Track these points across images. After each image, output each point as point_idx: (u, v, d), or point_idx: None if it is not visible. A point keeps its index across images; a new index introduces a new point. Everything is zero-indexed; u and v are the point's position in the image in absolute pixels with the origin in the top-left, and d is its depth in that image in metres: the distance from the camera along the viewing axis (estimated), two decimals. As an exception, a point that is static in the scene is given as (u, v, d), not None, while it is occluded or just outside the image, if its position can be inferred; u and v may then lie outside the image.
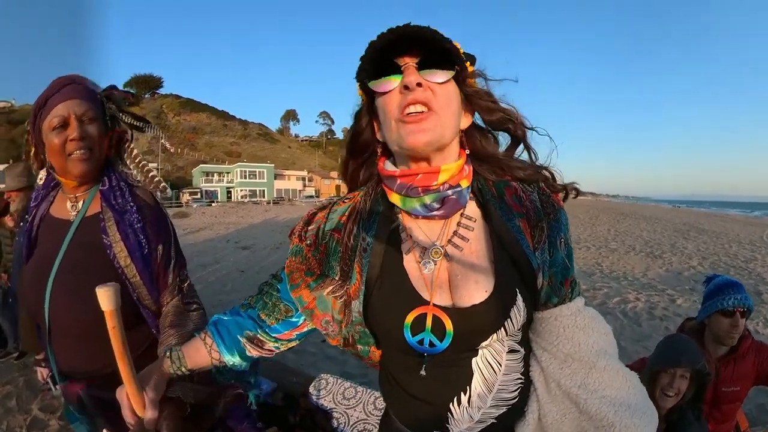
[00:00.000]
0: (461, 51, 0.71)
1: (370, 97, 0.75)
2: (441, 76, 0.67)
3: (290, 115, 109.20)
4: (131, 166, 1.26)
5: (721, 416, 1.78)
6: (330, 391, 2.23)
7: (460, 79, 0.71)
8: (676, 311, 5.18)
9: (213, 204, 42.65)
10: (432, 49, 0.66)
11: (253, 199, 51.03)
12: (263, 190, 57.73)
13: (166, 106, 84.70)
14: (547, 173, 0.77)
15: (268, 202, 45.02)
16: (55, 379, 1.22)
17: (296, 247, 0.82)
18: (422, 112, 0.65)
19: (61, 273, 1.10)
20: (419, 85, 0.65)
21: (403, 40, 0.65)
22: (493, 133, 0.80)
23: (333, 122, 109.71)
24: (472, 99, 0.74)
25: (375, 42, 0.65)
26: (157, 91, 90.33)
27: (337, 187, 62.98)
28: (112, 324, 0.72)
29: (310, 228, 0.81)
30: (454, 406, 0.73)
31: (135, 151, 1.28)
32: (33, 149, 1.20)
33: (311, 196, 58.03)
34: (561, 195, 0.77)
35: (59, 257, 1.10)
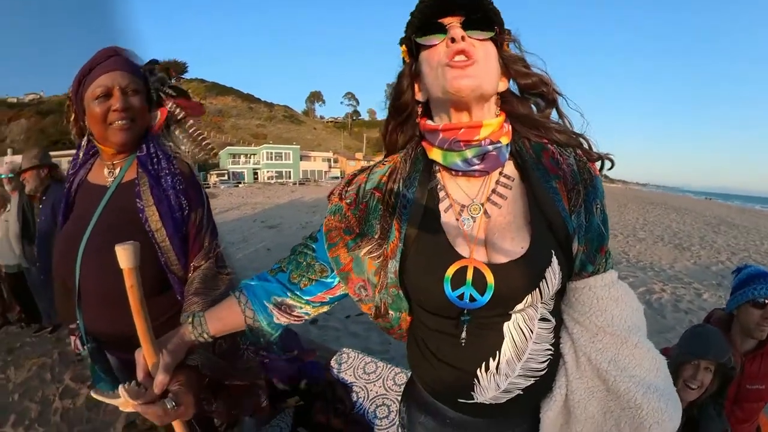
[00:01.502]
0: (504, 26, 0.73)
1: (414, 57, 0.76)
2: (482, 35, 0.69)
3: (315, 97, 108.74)
4: (181, 136, 1.28)
5: (742, 415, 1.70)
6: (351, 366, 2.31)
7: (498, 42, 0.73)
8: (702, 305, 5.05)
9: (240, 185, 43.38)
10: (474, 11, 0.69)
11: (279, 180, 51.65)
12: (289, 171, 58.28)
13: (192, 91, 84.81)
14: (584, 140, 0.77)
15: (294, 183, 45.39)
16: (83, 340, 1.24)
17: (335, 206, 0.82)
18: (466, 60, 0.68)
19: (93, 235, 1.12)
20: (463, 39, 0.67)
21: (449, 1, 0.68)
22: (529, 99, 0.80)
23: (358, 103, 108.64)
24: (509, 63, 0.75)
25: (422, 1, 0.69)
26: (182, 76, 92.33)
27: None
28: (130, 282, 0.71)
29: (350, 188, 0.82)
30: (481, 372, 0.73)
31: (190, 121, 1.29)
32: (73, 116, 1.23)
33: (336, 177, 57.87)
34: (597, 164, 0.77)
35: (93, 220, 1.13)
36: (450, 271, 0.69)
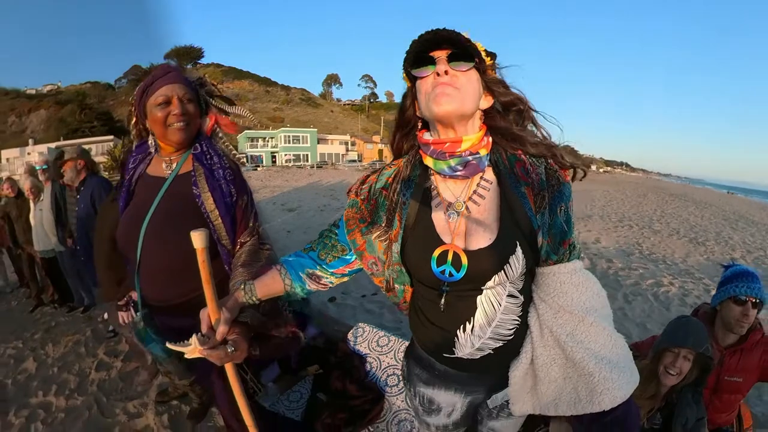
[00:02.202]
0: (482, 49, 0.87)
1: (412, 82, 0.92)
2: (464, 66, 0.84)
3: (332, 79, 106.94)
4: (218, 137, 1.50)
5: (721, 405, 1.78)
6: (365, 339, 2.49)
7: (481, 70, 0.87)
8: (708, 301, 4.99)
9: (258, 168, 43.68)
10: (457, 47, 0.83)
11: (297, 164, 51.70)
12: (307, 155, 58.19)
13: (208, 75, 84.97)
14: (556, 151, 0.89)
15: (312, 167, 45.16)
16: (138, 306, 1.45)
17: (353, 201, 1.02)
18: (449, 86, 0.83)
19: (154, 218, 1.33)
20: (446, 72, 0.83)
21: (436, 39, 0.82)
22: (509, 113, 0.93)
23: (375, 85, 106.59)
24: (490, 85, 0.90)
25: (416, 40, 0.83)
26: (199, 61, 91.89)
27: (380, 152, 61.69)
28: (201, 258, 0.91)
29: (363, 187, 1.01)
30: (460, 333, 0.92)
31: (221, 135, 1.51)
32: (134, 119, 1.44)
33: (354, 161, 57.52)
34: (570, 171, 0.90)
35: (154, 205, 1.33)
36: (436, 253, 0.88)
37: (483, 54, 0.87)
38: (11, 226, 4.55)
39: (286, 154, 57.04)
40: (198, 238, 0.90)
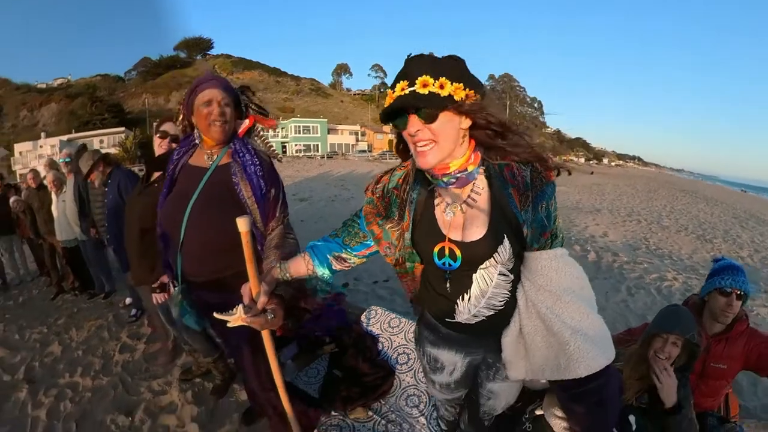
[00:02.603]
0: (457, 88, 0.90)
1: None
2: (432, 117, 0.92)
3: (342, 69, 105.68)
4: (255, 139, 1.67)
5: (707, 390, 1.86)
6: (378, 321, 2.67)
7: (454, 107, 0.92)
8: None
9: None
10: (419, 107, 0.90)
11: (307, 154, 51.55)
12: (317, 145, 58.01)
13: (218, 66, 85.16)
14: (541, 155, 1.00)
15: (322, 157, 45.07)
16: (177, 281, 1.63)
17: (369, 198, 1.20)
18: (426, 143, 0.94)
19: (197, 202, 1.50)
20: (419, 130, 0.93)
21: (402, 106, 0.91)
22: (497, 126, 0.99)
23: (386, 75, 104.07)
24: (468, 114, 0.95)
25: (386, 107, 0.93)
26: (208, 52, 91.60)
27: (390, 142, 60.48)
28: (246, 240, 1.07)
29: (378, 186, 1.18)
30: (459, 301, 1.12)
31: (261, 132, 1.69)
32: (182, 115, 1.63)
33: (363, 151, 56.93)
34: (555, 172, 1.00)
35: (197, 191, 1.51)
36: (435, 249, 1.08)
37: (458, 93, 0.91)
38: (32, 217, 4.71)
39: (296, 145, 56.83)
40: (242, 223, 1.06)
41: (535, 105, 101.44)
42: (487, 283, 1.09)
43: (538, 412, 1.58)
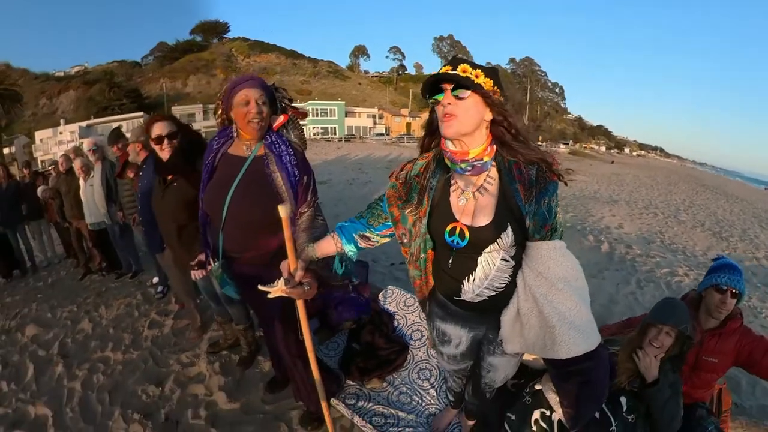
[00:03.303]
0: (483, 78, 1.08)
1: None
2: (464, 93, 1.08)
3: (360, 51, 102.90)
4: (291, 133, 1.79)
5: (699, 382, 1.92)
6: (394, 299, 2.84)
7: (482, 94, 1.09)
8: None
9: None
10: (456, 82, 1.08)
11: (324, 137, 51.06)
12: (335, 128, 57.57)
13: (235, 50, 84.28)
14: (545, 158, 1.12)
15: (340, 140, 44.59)
16: (218, 256, 1.79)
17: (393, 183, 1.32)
18: (453, 116, 1.09)
19: (238, 187, 1.65)
20: (449, 103, 1.09)
21: (442, 79, 1.09)
22: (512, 127, 1.14)
23: (404, 57, 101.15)
24: (490, 107, 1.12)
25: (429, 77, 1.11)
26: (225, 36, 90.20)
27: (408, 125, 60.16)
28: (286, 224, 1.21)
29: (402, 173, 1.30)
30: (465, 282, 1.24)
31: (296, 122, 1.81)
32: (220, 110, 1.74)
33: (381, 134, 55.98)
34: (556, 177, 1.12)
35: (238, 177, 1.66)
36: (448, 227, 1.21)
37: (487, 84, 1.10)
38: (60, 202, 4.87)
39: (314, 127, 56.21)
40: (283, 210, 1.22)
41: (557, 90, 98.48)
42: (490, 267, 1.21)
43: (537, 387, 1.78)
